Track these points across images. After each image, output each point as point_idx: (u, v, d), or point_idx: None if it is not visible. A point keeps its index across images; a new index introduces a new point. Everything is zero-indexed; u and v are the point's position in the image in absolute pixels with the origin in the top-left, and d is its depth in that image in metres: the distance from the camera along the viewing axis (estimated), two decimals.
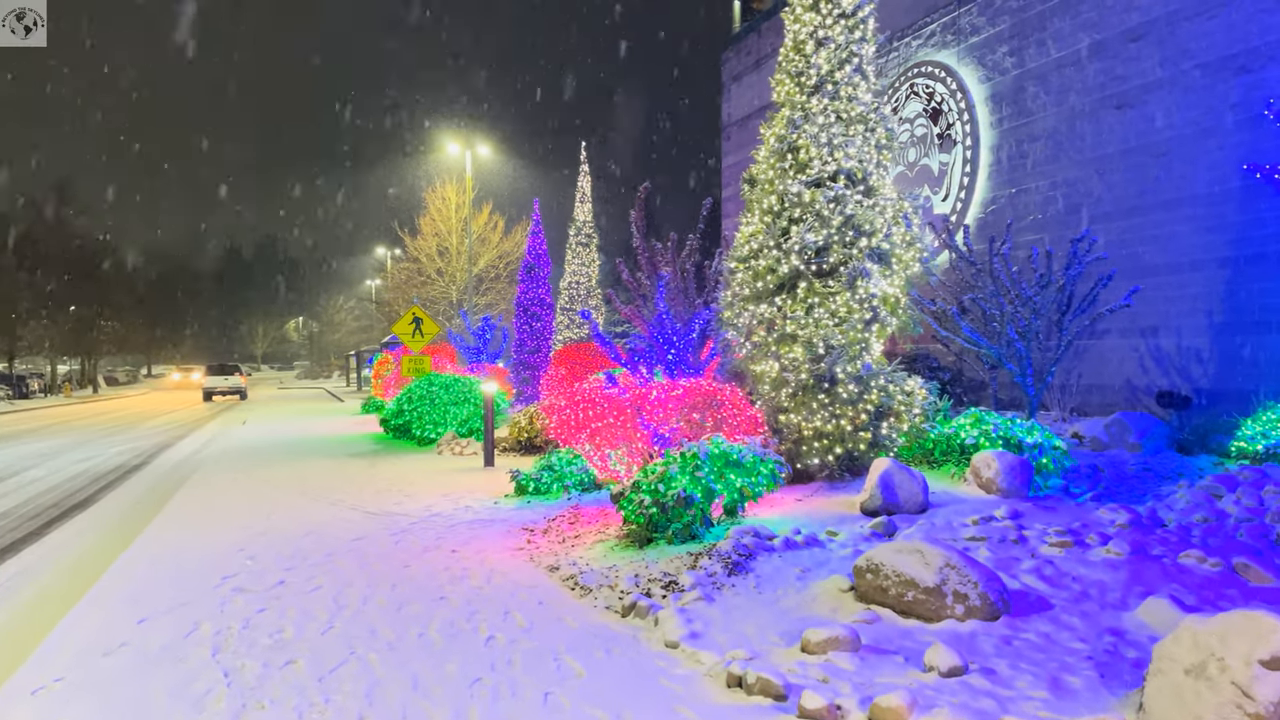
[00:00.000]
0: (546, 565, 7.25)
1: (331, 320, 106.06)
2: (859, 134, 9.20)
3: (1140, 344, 14.21)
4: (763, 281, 9.09)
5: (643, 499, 7.21)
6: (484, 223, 42.53)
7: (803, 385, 8.81)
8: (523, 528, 8.86)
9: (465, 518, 9.63)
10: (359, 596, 6.58)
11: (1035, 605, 5.56)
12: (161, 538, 8.93)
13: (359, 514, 10.08)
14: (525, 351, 23.46)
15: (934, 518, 7.80)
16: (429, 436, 17.48)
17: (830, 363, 8.62)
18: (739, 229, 9.66)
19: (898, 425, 9.00)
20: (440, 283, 42.48)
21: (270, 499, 11.25)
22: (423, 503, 10.70)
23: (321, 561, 7.75)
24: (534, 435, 14.98)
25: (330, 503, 10.94)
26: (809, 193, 8.94)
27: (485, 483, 12.13)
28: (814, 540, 7.05)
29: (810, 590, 5.99)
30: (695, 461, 7.26)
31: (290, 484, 12.60)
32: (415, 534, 8.81)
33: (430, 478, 12.86)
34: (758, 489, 7.48)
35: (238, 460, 15.75)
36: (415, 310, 21.59)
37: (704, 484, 7.19)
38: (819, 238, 8.80)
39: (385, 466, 14.40)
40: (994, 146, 17.11)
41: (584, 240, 30.07)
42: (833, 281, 8.91)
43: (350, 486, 12.21)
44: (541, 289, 23.34)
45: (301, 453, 16.75)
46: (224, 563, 7.77)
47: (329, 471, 13.87)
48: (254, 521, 9.71)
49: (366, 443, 18.60)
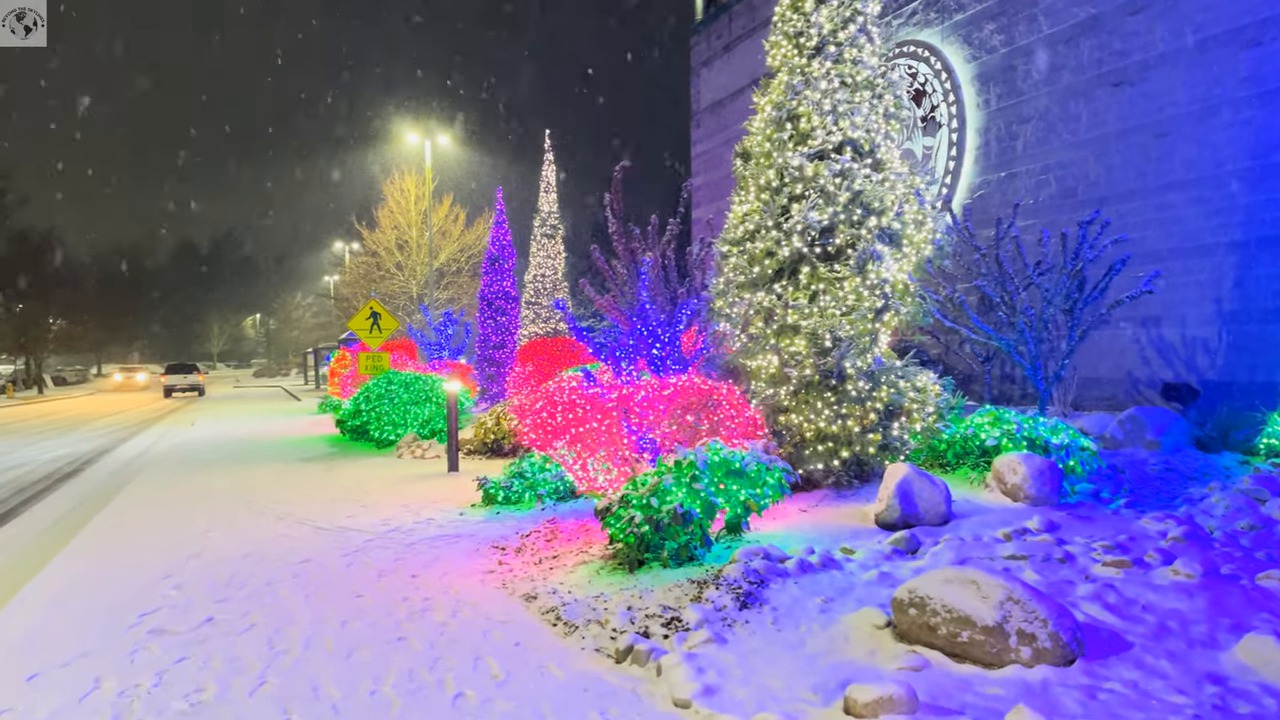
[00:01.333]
0: (522, 594, 6.26)
1: (289, 317, 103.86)
2: (865, 101, 8.28)
3: (1141, 334, 13.50)
4: (760, 266, 8.15)
5: (633, 515, 6.24)
6: (445, 215, 41.25)
7: (806, 382, 7.88)
8: (493, 545, 7.85)
9: (428, 533, 8.61)
10: (301, 638, 5.55)
11: (1111, 644, 4.68)
12: (75, 564, 7.80)
13: (308, 529, 9.01)
14: (489, 347, 22.38)
15: (959, 530, 6.92)
16: (388, 438, 16.38)
17: (839, 357, 7.70)
18: (731, 208, 8.72)
19: (909, 426, 8.11)
20: (400, 277, 41.12)
21: (209, 512, 10.13)
22: (380, 515, 9.65)
23: (259, 591, 6.69)
24: (501, 437, 13.96)
25: (276, 516, 9.84)
26: (812, 166, 8.01)
27: (449, 490, 11.09)
28: (830, 561, 6.13)
29: (839, 627, 5.06)
30: (692, 471, 6.31)
31: (234, 494, 11.47)
32: (370, 554, 7.78)
33: (389, 485, 11.79)
34: (763, 501, 6.55)
35: (180, 467, 14.55)
36: (373, 304, 20.42)
37: (703, 497, 6.24)
38: (824, 216, 7.87)
39: (340, 472, 13.30)
40: (981, 129, 16.33)
41: (549, 232, 29.00)
42: (839, 265, 7.99)
43: (300, 496, 11.11)
44: (506, 281, 22.27)
45: (250, 457, 15.57)
46: (144, 595, 6.68)
47: (278, 479, 12.74)
48: (187, 541, 8.60)
49: (321, 445, 17.43)
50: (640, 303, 8.64)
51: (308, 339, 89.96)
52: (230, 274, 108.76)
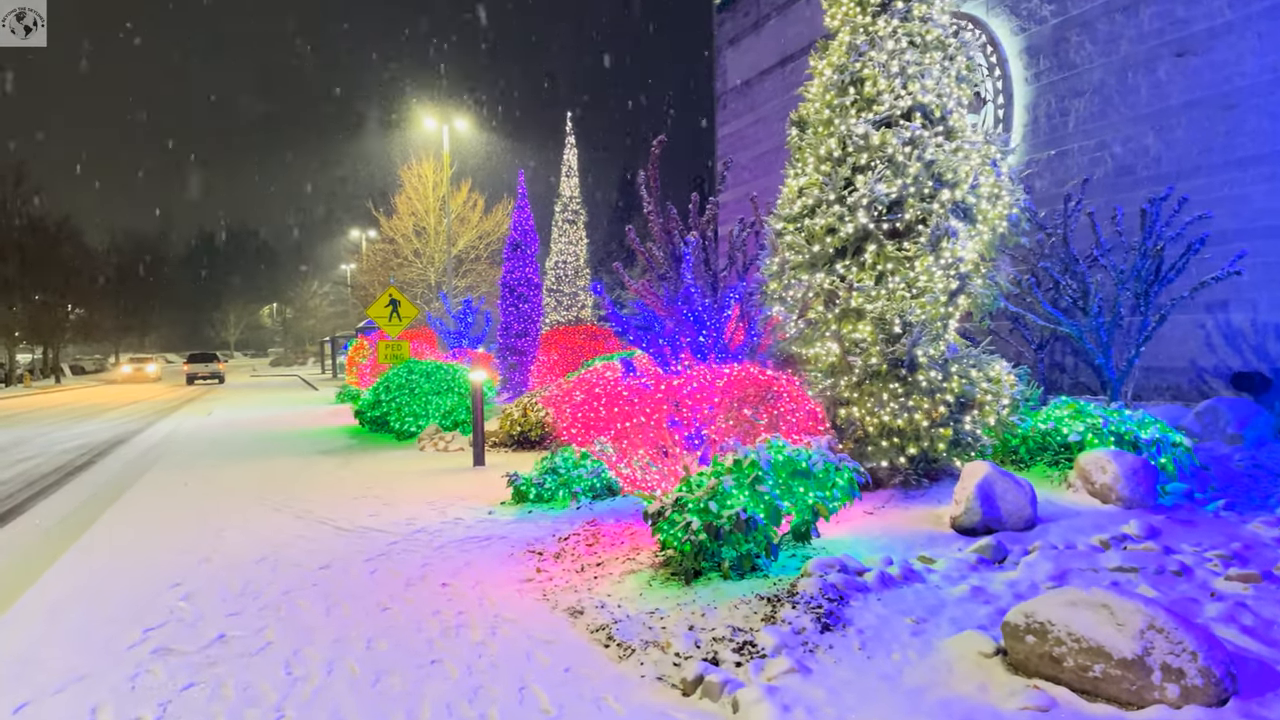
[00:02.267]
0: (567, 607, 5.63)
1: (306, 305, 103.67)
2: (936, 62, 7.56)
3: (1207, 320, 12.72)
4: (820, 245, 7.45)
5: (689, 521, 5.59)
6: (463, 201, 40.61)
7: (872, 371, 7.20)
8: (529, 549, 7.22)
9: (456, 534, 7.99)
10: (322, 661, 4.93)
11: (1265, 678, 3.99)
12: (79, 568, 7.22)
13: (328, 530, 8.41)
14: (512, 335, 21.74)
15: (1048, 536, 6.24)
16: (409, 430, 15.79)
17: (911, 344, 7.01)
18: (785, 183, 8.03)
19: (982, 419, 7.42)
20: (418, 264, 40.55)
21: (224, 510, 9.56)
22: (404, 513, 9.05)
23: (276, 602, 6.08)
24: (528, 429, 13.34)
25: (294, 514, 9.26)
26: (878, 134, 7.31)
27: (476, 486, 10.48)
28: (911, 573, 5.46)
29: (939, 654, 4.39)
30: (755, 471, 5.65)
31: (250, 489, 10.90)
32: (396, 559, 7.16)
33: (412, 480, 11.19)
34: (832, 505, 5.88)
35: (195, 459, 14.01)
36: (391, 291, 19.84)
37: (768, 501, 5.58)
38: (892, 189, 7.17)
39: (360, 466, 12.71)
40: (1030, 105, 15.54)
41: (570, 217, 28.34)
42: (908, 243, 7.28)
43: (319, 492, 10.53)
44: (529, 268, 21.61)
45: (267, 449, 15.02)
46: (150, 606, 6.09)
47: (296, 473, 12.16)
48: (199, 542, 8.02)
49: (340, 437, 16.87)
50: (684, 286, 7.98)
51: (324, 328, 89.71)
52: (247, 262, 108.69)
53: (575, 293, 28.17)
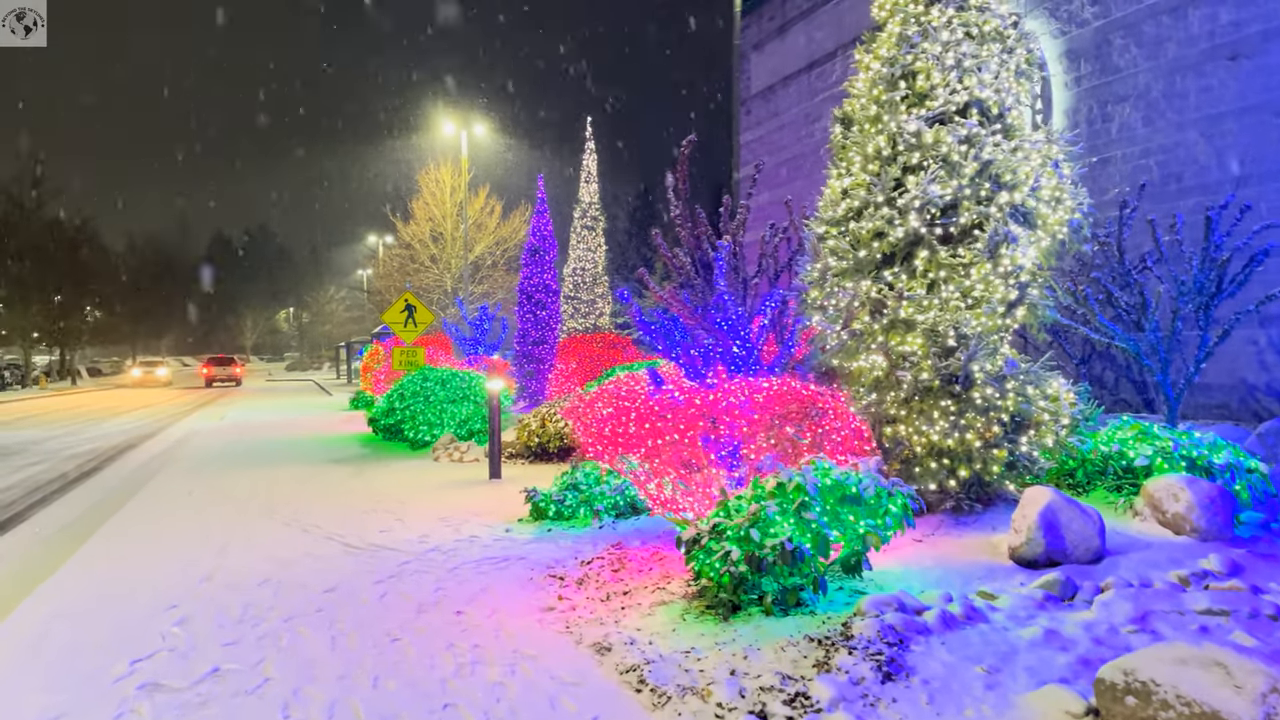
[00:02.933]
0: (593, 642, 5.13)
1: (322, 310, 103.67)
2: (994, 55, 7.06)
3: (1260, 335, 12.12)
4: (866, 250, 6.94)
5: (728, 550, 5.08)
6: (480, 207, 40.28)
7: (923, 387, 6.68)
8: (549, 573, 6.73)
9: (472, 554, 7.51)
10: (323, 703, 4.45)
11: None
12: (70, 587, 6.78)
13: (336, 547, 7.95)
14: (529, 343, 21.29)
15: (1118, 570, 5.70)
16: (423, 439, 15.35)
17: (967, 358, 6.48)
18: (827, 183, 7.53)
19: (1038, 440, 6.88)
20: (434, 270, 40.22)
21: (228, 523, 9.11)
22: (417, 530, 8.58)
23: (277, 630, 5.61)
24: (546, 440, 12.86)
25: (302, 529, 8.80)
26: (931, 131, 6.80)
27: (493, 501, 10.00)
28: (974, 612, 4.94)
29: (1019, 713, 3.86)
30: (801, 496, 5.14)
31: (257, 501, 10.46)
32: (407, 581, 6.69)
33: (426, 493, 10.73)
34: (885, 534, 5.36)
35: (202, 467, 13.60)
36: (407, 296, 19.42)
37: (815, 529, 5.07)
38: (946, 191, 6.66)
39: (372, 476, 12.27)
40: (1070, 110, 14.99)
41: (589, 224, 27.91)
42: (964, 250, 6.76)
43: (328, 505, 10.08)
44: (547, 274, 21.16)
45: (278, 457, 14.60)
46: (142, 632, 5.62)
47: (305, 483, 11.72)
48: (200, 559, 7.56)
49: (352, 445, 16.45)
50: (718, 293, 7.49)
51: (340, 333, 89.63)
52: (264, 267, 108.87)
53: (593, 300, 27.74)
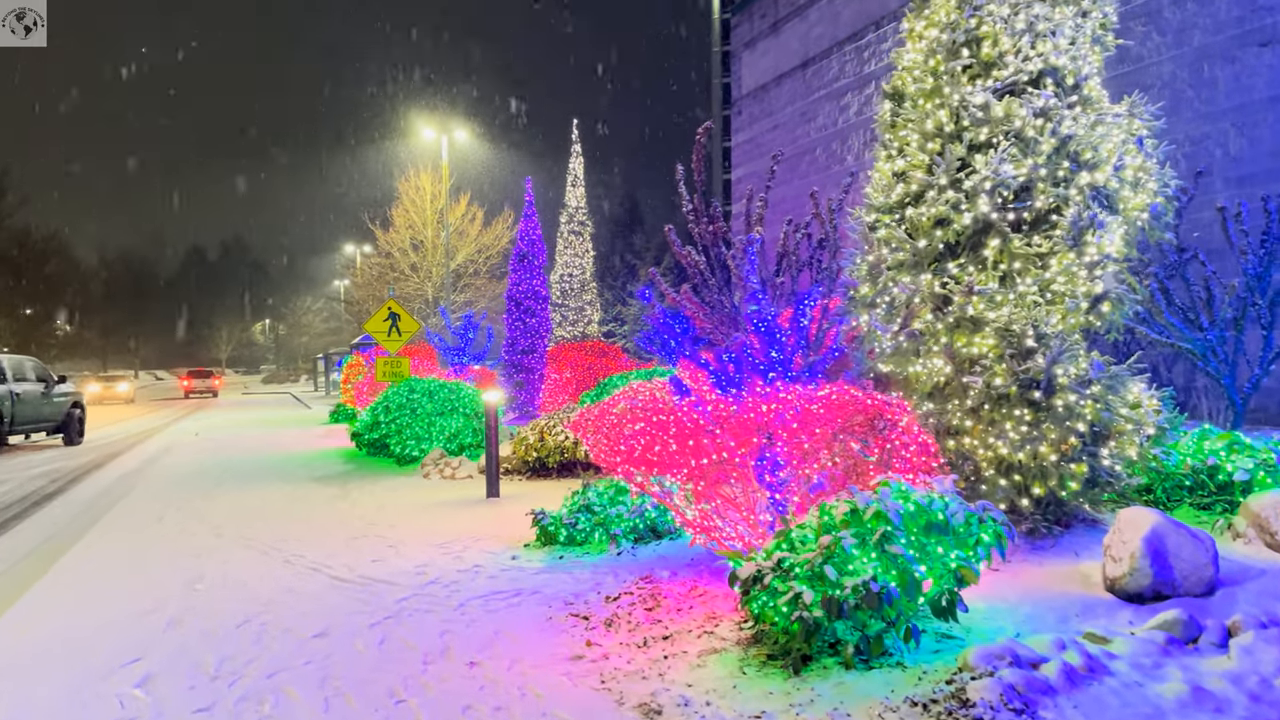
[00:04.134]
0: (638, 704, 4.30)
1: (299, 322, 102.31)
2: (1068, 18, 6.34)
3: None
4: (926, 239, 6.18)
5: (798, 592, 4.28)
6: (462, 214, 39.36)
7: (997, 394, 5.90)
8: (570, 610, 5.90)
9: (478, 587, 6.67)
10: None
11: None
12: (13, 639, 5.87)
13: (323, 580, 7.09)
14: (518, 352, 20.47)
15: (1239, 604, 4.94)
16: (410, 454, 14.46)
17: (1049, 360, 5.71)
18: (875, 167, 6.76)
19: (1120, 452, 6.11)
20: (415, 279, 39.24)
21: (202, 552, 8.22)
22: (414, 558, 7.73)
23: (258, 689, 4.75)
24: (545, 455, 12.02)
25: (284, 559, 7.93)
26: (1001, 104, 6.05)
27: (493, 523, 9.17)
28: (1095, 663, 4.15)
29: None
30: (882, 526, 4.35)
31: (234, 526, 9.56)
32: (408, 622, 5.84)
33: (418, 515, 9.87)
34: (977, 567, 4.58)
35: (175, 487, 12.65)
36: (391, 304, 18.54)
37: (902, 566, 4.27)
38: (1020, 171, 5.91)
39: (360, 496, 11.38)
40: None
41: (576, 229, 27.10)
42: (1040, 237, 6.01)
43: (313, 530, 9.20)
44: (536, 280, 20.36)
45: (255, 476, 13.66)
46: (95, 697, 4.74)
47: (287, 505, 10.82)
48: (169, 598, 6.67)
49: (335, 461, 15.53)
50: (750, 291, 6.70)
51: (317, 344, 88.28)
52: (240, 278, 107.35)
53: (581, 307, 26.89)
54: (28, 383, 18.95)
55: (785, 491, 5.19)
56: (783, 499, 5.31)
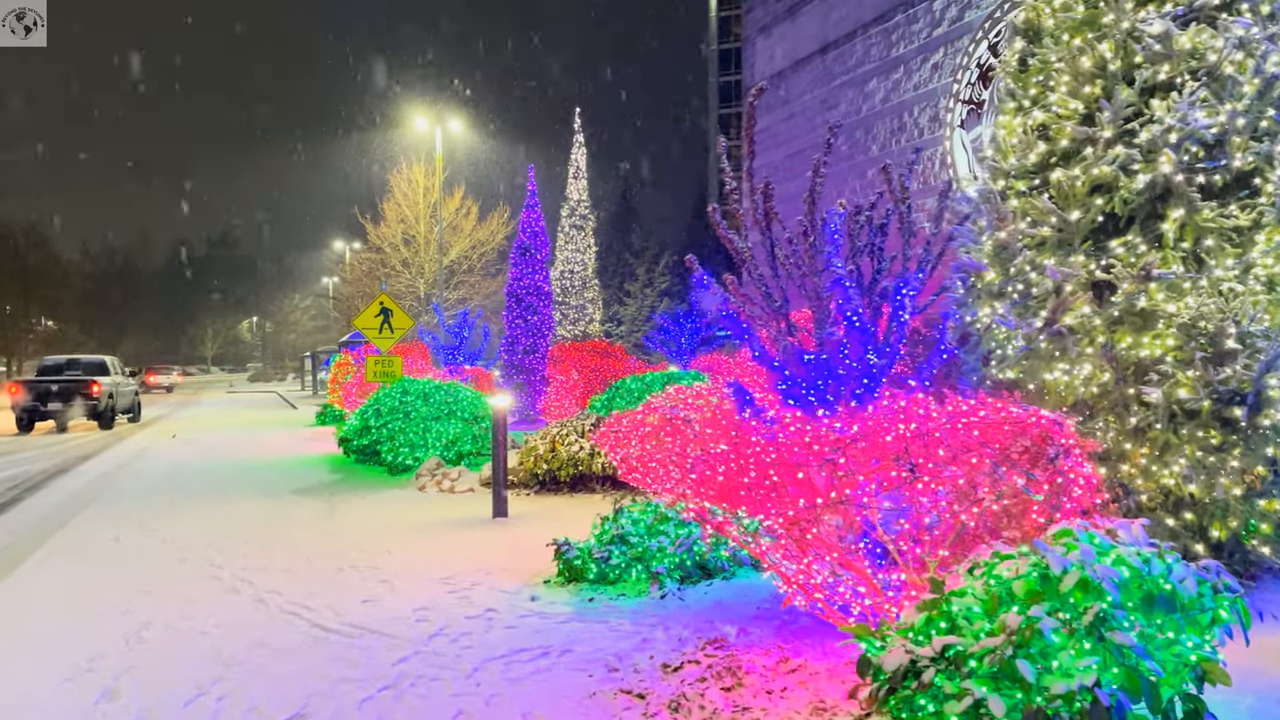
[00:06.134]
0: None
1: (286, 320, 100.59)
2: None
3: None
4: (1082, 210, 4.88)
5: (978, 699, 2.98)
6: (455, 208, 37.98)
7: (1184, 409, 4.59)
8: (617, 682, 4.59)
9: (493, 641, 5.37)
10: None
11: None
12: None
13: (302, 629, 5.76)
14: (519, 351, 19.15)
15: None
16: (403, 463, 13.12)
17: (1263, 368, 4.42)
18: (998, 121, 5.49)
19: None
20: (406, 275, 37.84)
21: (157, 588, 6.87)
22: (412, 598, 6.42)
23: None
24: (557, 468, 10.70)
25: (256, 596, 6.60)
26: (1187, 34, 4.78)
27: (503, 550, 7.86)
28: None
29: None
30: (1094, 599, 3.06)
31: (200, 550, 8.22)
32: (410, 698, 4.53)
33: (416, 538, 8.56)
34: (1221, 660, 3.29)
35: (140, 499, 11.27)
36: (383, 299, 17.17)
37: (1130, 660, 2.98)
38: (1216, 119, 4.64)
39: (347, 514, 10.04)
40: None
41: (578, 223, 25.79)
42: (1237, 206, 4.72)
43: (292, 557, 7.87)
44: (539, 274, 19.04)
45: (231, 487, 12.30)
46: None
47: (264, 524, 9.48)
48: (105, 655, 5.34)
49: (320, 469, 14.18)
50: (835, 278, 5.40)
51: (305, 342, 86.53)
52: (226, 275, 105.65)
53: (583, 305, 25.55)
54: (121, 377, 24.59)
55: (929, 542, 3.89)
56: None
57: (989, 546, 3.69)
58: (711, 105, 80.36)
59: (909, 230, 7.32)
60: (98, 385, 22.35)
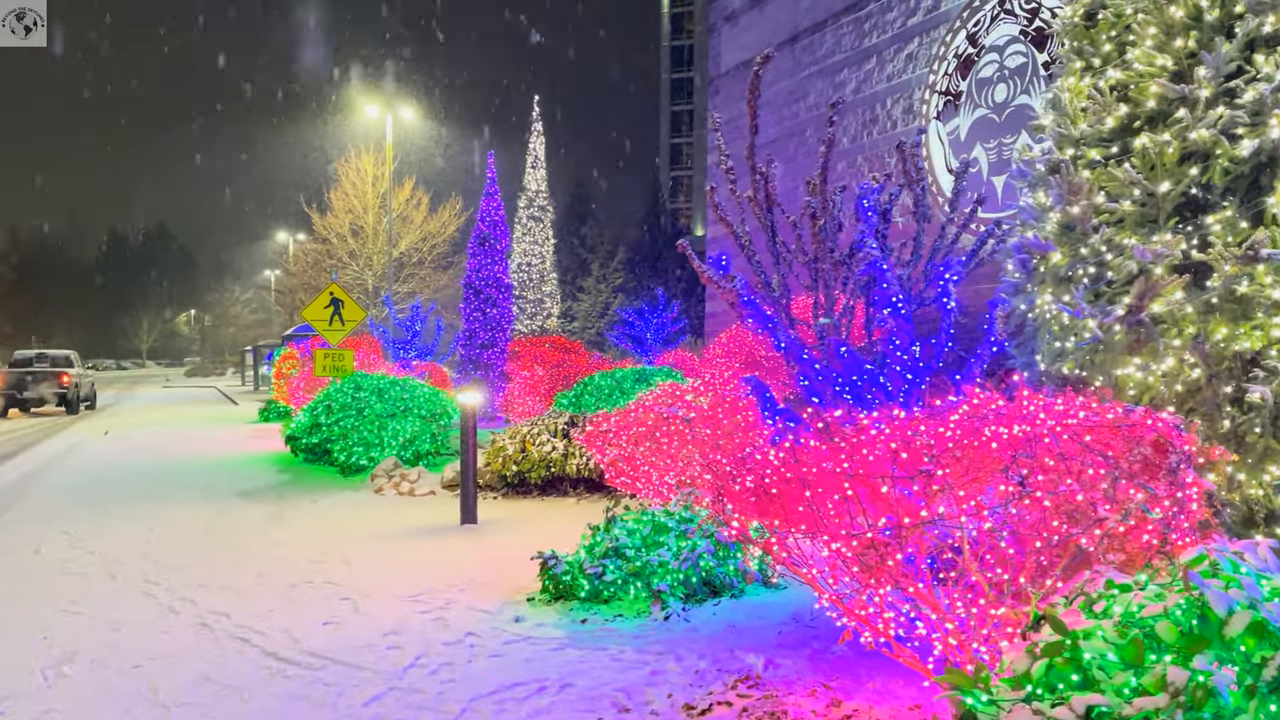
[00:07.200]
0: None
1: (226, 313, 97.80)
2: None
3: None
4: (1170, 182, 4.31)
5: None
6: (406, 199, 36.85)
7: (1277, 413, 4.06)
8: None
9: (480, 675, 4.65)
10: None
11: None
12: None
13: (254, 660, 4.97)
14: (476, 345, 18.32)
15: None
16: (357, 463, 12.27)
17: None
18: (1060, 83, 4.89)
19: None
20: (354, 266, 36.61)
21: (84, 609, 6.01)
22: (381, 620, 5.65)
23: None
24: (528, 469, 9.96)
25: (198, 618, 5.78)
26: None
27: (477, 561, 7.13)
28: None
29: None
30: (1270, 647, 2.45)
31: (134, 562, 7.34)
32: None
33: (378, 547, 7.78)
34: None
35: (67, 503, 10.27)
36: (334, 289, 16.20)
37: None
38: None
39: (299, 520, 9.21)
40: None
41: (536, 214, 24.94)
42: None
43: (240, 570, 7.04)
44: (498, 266, 18.22)
45: (170, 488, 11.33)
46: None
47: (206, 532, 8.60)
48: (20, 690, 4.50)
49: (267, 469, 13.24)
50: (872, 260, 4.77)
51: (246, 336, 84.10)
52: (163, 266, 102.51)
53: (541, 299, 24.75)
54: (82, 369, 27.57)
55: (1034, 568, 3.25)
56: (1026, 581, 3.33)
57: (1098, 574, 3.08)
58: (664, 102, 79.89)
59: (924, 214, 6.73)
60: (67, 376, 25.24)
